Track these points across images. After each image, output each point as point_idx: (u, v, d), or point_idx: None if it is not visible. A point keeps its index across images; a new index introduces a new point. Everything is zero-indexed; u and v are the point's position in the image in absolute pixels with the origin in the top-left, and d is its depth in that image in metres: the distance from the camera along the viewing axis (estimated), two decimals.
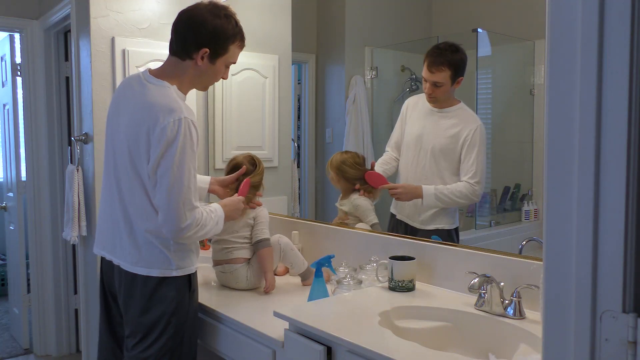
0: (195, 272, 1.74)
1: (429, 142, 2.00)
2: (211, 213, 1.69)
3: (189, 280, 1.70)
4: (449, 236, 1.96)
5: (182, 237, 1.60)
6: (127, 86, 1.71)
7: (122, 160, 1.65)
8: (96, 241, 1.81)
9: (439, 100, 1.98)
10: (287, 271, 2.20)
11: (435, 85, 1.94)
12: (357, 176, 2.19)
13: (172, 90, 1.62)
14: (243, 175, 2.04)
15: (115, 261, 1.70)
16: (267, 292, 1.95)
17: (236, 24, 1.66)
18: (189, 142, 1.55)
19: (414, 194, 2.00)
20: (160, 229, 1.59)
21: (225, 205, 1.80)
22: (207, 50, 1.61)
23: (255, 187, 2.06)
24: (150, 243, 1.63)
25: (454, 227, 1.98)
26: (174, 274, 1.65)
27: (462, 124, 1.93)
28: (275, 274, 2.10)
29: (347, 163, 2.20)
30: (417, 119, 2.08)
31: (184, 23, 1.63)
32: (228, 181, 2.05)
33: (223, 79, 1.75)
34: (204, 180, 2.04)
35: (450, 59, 1.90)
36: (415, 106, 2.09)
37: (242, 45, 1.70)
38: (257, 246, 1.99)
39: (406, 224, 2.07)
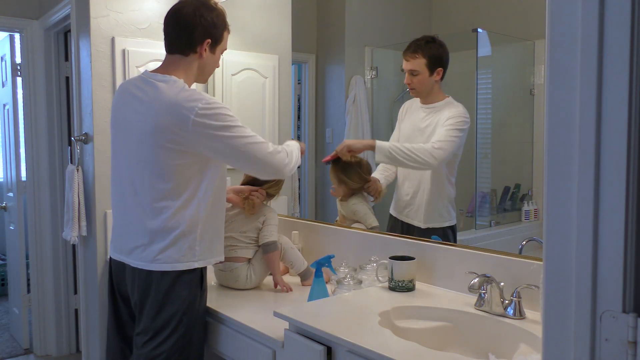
0: (206, 270, 1.76)
1: (420, 140, 2.02)
2: (286, 147, 1.80)
3: (201, 280, 1.72)
4: (445, 235, 1.97)
5: (284, 170, 1.72)
6: (135, 88, 1.71)
7: (141, 163, 1.66)
8: (112, 246, 1.84)
9: (420, 92, 2.02)
10: (286, 271, 2.20)
11: (411, 73, 1.99)
12: (359, 186, 2.18)
13: (181, 82, 1.66)
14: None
15: (134, 263, 1.70)
16: (290, 291, 2.00)
17: (225, 14, 1.76)
18: (225, 112, 1.61)
19: (366, 144, 2.06)
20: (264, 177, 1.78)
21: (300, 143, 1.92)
22: (210, 40, 1.70)
23: (270, 196, 2.13)
24: (174, 238, 1.65)
25: (452, 224, 1.99)
26: (196, 265, 1.68)
27: (444, 114, 1.96)
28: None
29: (348, 173, 2.18)
30: (409, 119, 2.10)
31: (183, 21, 1.68)
32: (245, 191, 2.08)
33: (216, 67, 1.83)
34: None
35: (424, 47, 1.96)
36: (410, 108, 2.12)
37: (229, 31, 1.80)
38: (265, 249, 2.00)
39: (402, 223, 2.08)
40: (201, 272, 1.72)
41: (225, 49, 1.81)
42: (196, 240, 1.67)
